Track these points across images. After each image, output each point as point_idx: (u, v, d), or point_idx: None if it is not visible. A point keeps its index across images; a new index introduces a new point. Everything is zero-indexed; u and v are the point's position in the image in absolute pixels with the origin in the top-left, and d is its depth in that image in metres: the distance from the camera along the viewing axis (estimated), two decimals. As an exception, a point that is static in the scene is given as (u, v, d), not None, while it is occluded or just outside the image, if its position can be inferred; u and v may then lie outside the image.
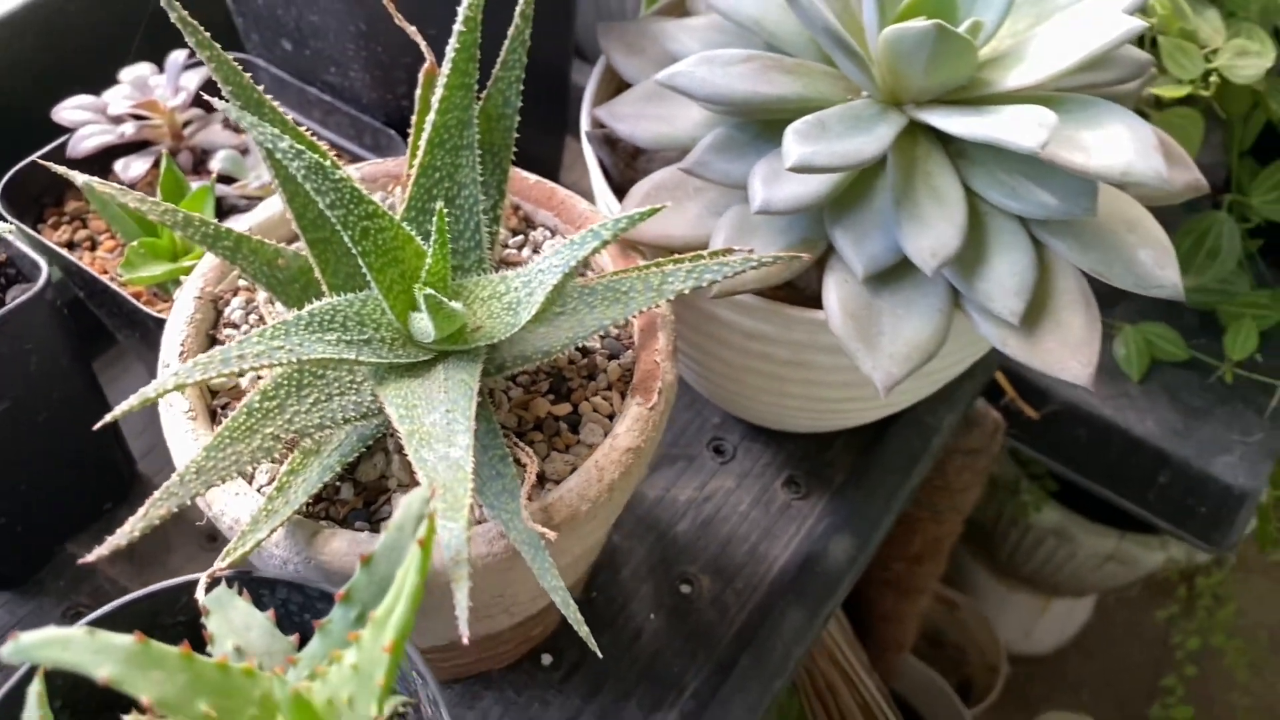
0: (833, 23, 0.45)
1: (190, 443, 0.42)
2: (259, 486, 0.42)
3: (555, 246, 0.39)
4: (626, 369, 0.47)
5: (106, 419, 0.34)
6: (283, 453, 0.41)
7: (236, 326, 0.47)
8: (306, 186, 0.38)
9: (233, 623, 0.34)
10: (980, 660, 1.48)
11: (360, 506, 0.42)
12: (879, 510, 0.61)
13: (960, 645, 1.50)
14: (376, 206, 0.39)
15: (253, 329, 0.42)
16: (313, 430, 0.40)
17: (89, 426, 0.58)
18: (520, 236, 0.51)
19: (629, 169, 0.55)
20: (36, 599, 0.58)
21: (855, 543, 0.59)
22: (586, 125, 0.55)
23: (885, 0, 0.47)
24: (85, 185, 0.40)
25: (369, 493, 0.43)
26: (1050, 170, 0.46)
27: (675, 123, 0.53)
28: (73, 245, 0.58)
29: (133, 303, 0.52)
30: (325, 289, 0.42)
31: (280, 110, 0.42)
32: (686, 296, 0.51)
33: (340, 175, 0.38)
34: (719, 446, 0.65)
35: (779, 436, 0.65)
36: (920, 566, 0.87)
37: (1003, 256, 0.47)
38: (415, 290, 0.39)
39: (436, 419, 0.38)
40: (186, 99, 0.59)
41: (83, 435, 0.58)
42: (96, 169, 0.55)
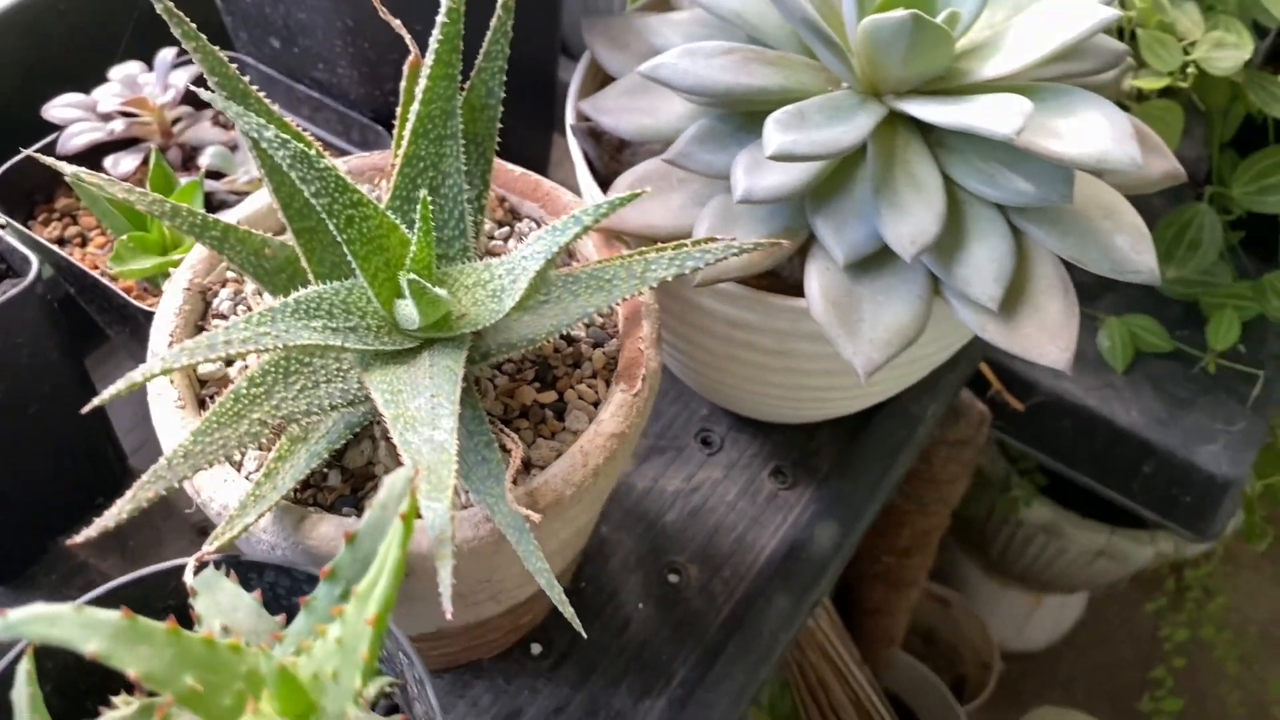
0: (811, 14, 0.46)
1: (179, 430, 0.42)
2: (247, 473, 0.43)
3: (538, 234, 0.40)
4: (611, 357, 0.48)
5: (94, 403, 0.34)
6: (270, 439, 0.41)
7: (225, 317, 0.47)
8: (292, 175, 0.38)
9: (220, 603, 0.34)
10: (973, 658, 1.48)
11: (348, 493, 0.43)
12: (864, 498, 0.62)
13: (953, 643, 1.51)
14: (361, 195, 0.39)
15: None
16: (299, 416, 0.40)
17: (80, 422, 0.59)
18: (506, 228, 0.52)
19: (614, 162, 0.56)
20: (29, 593, 0.58)
21: (840, 530, 0.60)
22: (571, 119, 0.56)
23: (864, -8, 0.47)
24: (73, 177, 0.40)
25: (356, 479, 0.43)
26: (1027, 158, 0.47)
27: (659, 115, 0.53)
28: (63, 241, 0.59)
29: (123, 296, 0.53)
30: (312, 278, 0.43)
31: (275, 110, 0.43)
32: (671, 287, 0.52)
33: (325, 164, 0.39)
34: (706, 438, 0.65)
35: (766, 428, 0.66)
36: (909, 559, 0.87)
37: (981, 243, 0.48)
38: (400, 277, 0.40)
39: (421, 404, 0.38)
40: (176, 96, 0.59)
41: (74, 430, 0.58)
42: (86, 166, 0.56)
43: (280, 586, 0.39)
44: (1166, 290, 0.78)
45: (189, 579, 0.36)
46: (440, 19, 0.41)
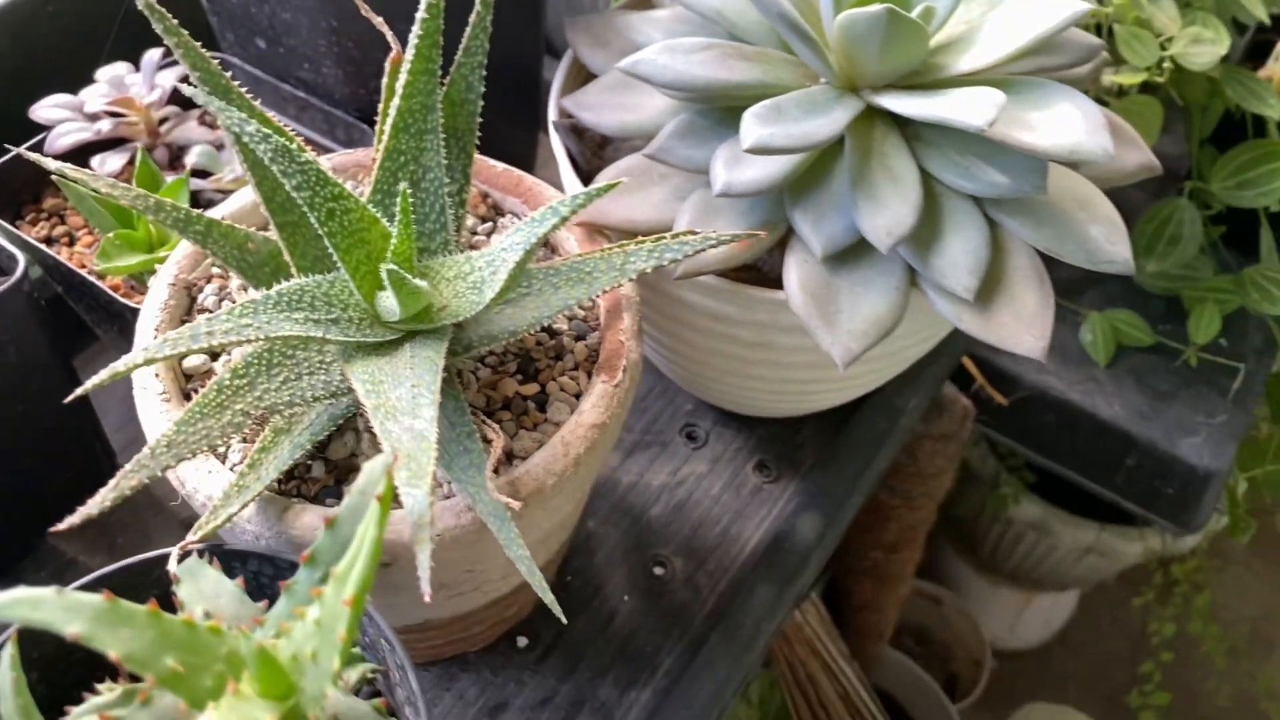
0: (788, 10, 0.47)
1: (163, 422, 0.43)
2: (232, 465, 0.43)
3: (516, 226, 0.41)
4: (593, 349, 0.48)
5: (77, 392, 0.35)
6: (253, 430, 0.42)
7: (210, 312, 0.48)
8: (274, 170, 0.39)
9: (203, 590, 0.35)
10: (966, 656, 1.49)
11: (331, 484, 0.43)
12: (846, 490, 0.62)
13: (945, 642, 1.51)
14: (342, 189, 0.40)
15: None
16: (282, 407, 0.40)
17: (69, 420, 0.60)
18: (489, 223, 0.52)
19: (596, 158, 0.56)
20: (17, 590, 0.58)
21: (823, 522, 0.60)
22: (554, 115, 0.57)
23: (840, -12, 0.48)
24: (58, 172, 0.41)
25: (340, 471, 0.44)
26: (1002, 150, 0.48)
27: (640, 111, 0.54)
28: (51, 241, 0.59)
29: (110, 294, 0.53)
30: (294, 271, 0.43)
31: (257, 106, 0.43)
32: (654, 282, 0.53)
33: (306, 158, 0.39)
34: (691, 433, 0.66)
35: (750, 422, 0.66)
36: (897, 554, 0.88)
37: (957, 235, 0.48)
38: (381, 270, 0.40)
39: (402, 393, 0.39)
40: (162, 96, 0.60)
41: (62, 428, 0.59)
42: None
43: (264, 575, 0.39)
44: (1148, 285, 0.79)
45: (173, 567, 0.36)
46: (420, 15, 0.42)
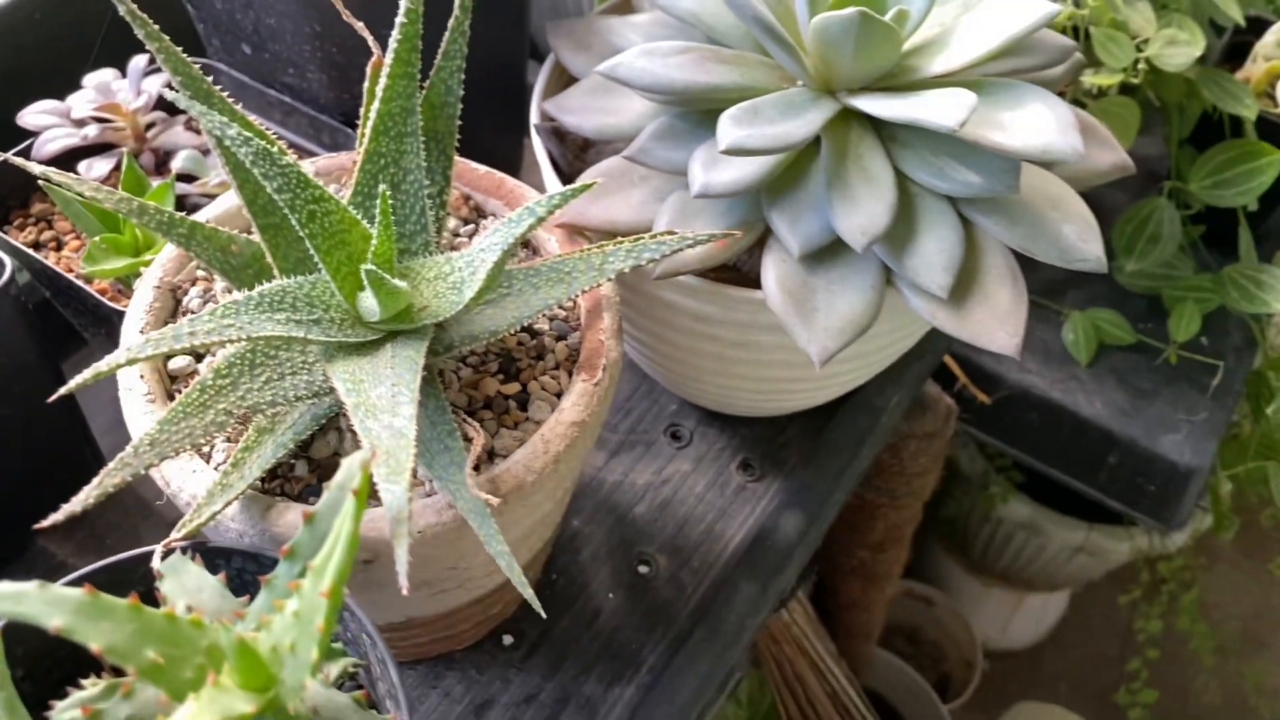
0: (763, 12, 0.48)
1: (148, 423, 0.43)
2: (216, 465, 0.44)
3: (494, 226, 0.41)
4: (574, 349, 0.49)
5: (61, 391, 0.35)
6: (237, 429, 0.42)
7: (194, 314, 0.48)
8: (255, 172, 0.39)
9: (185, 586, 0.35)
10: (958, 656, 1.50)
11: (314, 483, 0.44)
12: (829, 487, 0.63)
13: (937, 642, 1.52)
14: (322, 191, 0.41)
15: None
16: (265, 407, 0.41)
17: (57, 424, 0.60)
18: (471, 225, 0.53)
19: (578, 161, 0.57)
20: (7, 592, 0.59)
21: (805, 519, 0.61)
22: (536, 119, 0.57)
23: (816, -8, 0.49)
24: (43, 176, 0.41)
25: (323, 470, 0.44)
26: (975, 151, 0.48)
27: (620, 114, 0.54)
28: (39, 246, 0.60)
29: (96, 298, 0.54)
30: (277, 273, 0.44)
31: (239, 110, 0.44)
32: (635, 283, 0.54)
33: (287, 161, 0.40)
34: (676, 432, 0.66)
35: (734, 421, 0.67)
36: (883, 553, 0.88)
37: (931, 234, 0.49)
38: (362, 271, 0.41)
39: (382, 392, 0.39)
40: (148, 102, 0.60)
41: (51, 432, 0.59)
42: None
43: (247, 572, 0.40)
44: (1129, 284, 0.80)
45: (156, 564, 0.37)
46: (399, 19, 0.42)
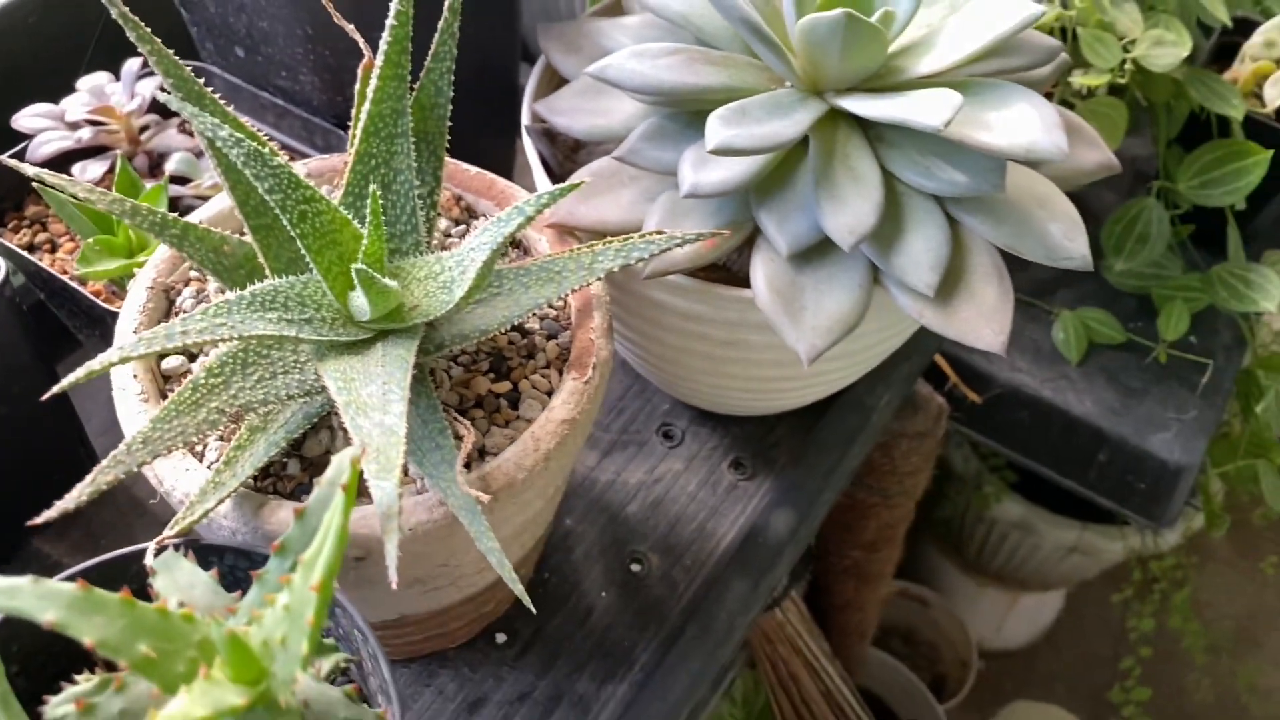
0: (750, 14, 0.48)
1: (141, 421, 0.43)
2: (209, 464, 0.44)
3: (484, 225, 0.42)
4: (564, 348, 0.49)
5: (56, 389, 0.36)
6: (229, 428, 0.43)
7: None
8: (247, 173, 0.40)
9: (178, 582, 0.36)
10: (953, 657, 1.50)
11: (306, 481, 0.44)
12: (819, 485, 0.63)
13: (933, 643, 1.52)
14: (314, 191, 0.41)
15: (200, 312, 0.44)
16: (257, 405, 0.41)
17: (52, 425, 0.60)
18: (462, 226, 0.53)
19: (569, 162, 0.58)
20: (2, 593, 0.59)
21: (796, 517, 0.61)
22: (527, 120, 0.58)
23: (803, -7, 0.49)
24: (36, 177, 0.42)
25: (315, 468, 0.45)
26: (961, 150, 0.49)
27: (610, 115, 0.55)
28: (33, 248, 0.60)
29: (90, 299, 0.54)
30: (269, 273, 0.44)
31: (231, 112, 0.44)
32: (624, 282, 0.54)
33: (278, 162, 0.40)
34: (668, 432, 0.67)
35: (725, 421, 0.67)
36: (877, 553, 0.89)
37: (918, 233, 0.49)
38: (353, 270, 0.41)
39: (373, 390, 0.40)
40: (142, 105, 0.61)
41: (45, 433, 0.60)
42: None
43: (240, 569, 0.40)
44: (1118, 283, 0.80)
45: (149, 560, 0.37)
46: (389, 21, 0.43)
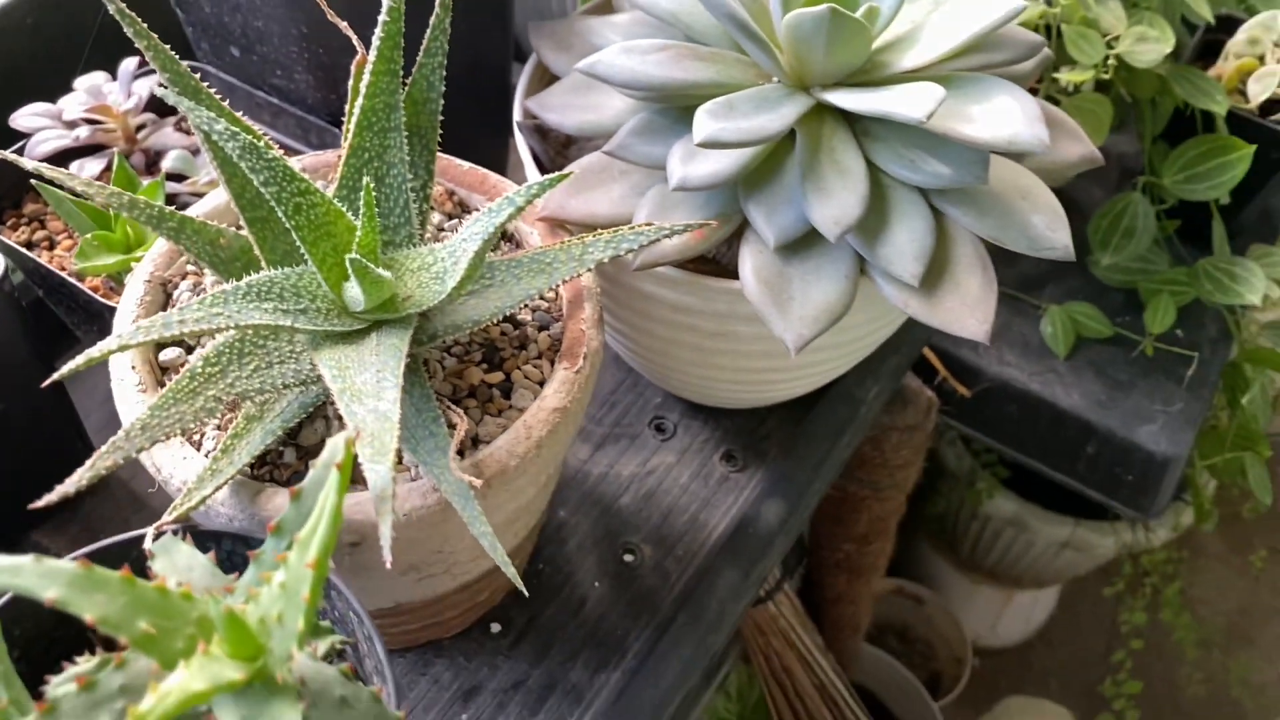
0: (737, 10, 0.49)
1: (139, 410, 0.44)
2: (206, 452, 0.45)
3: (475, 217, 0.42)
4: (556, 339, 0.50)
5: (54, 377, 0.36)
6: (226, 416, 0.44)
7: (185, 308, 0.49)
8: (242, 166, 0.41)
9: (176, 564, 0.37)
10: (948, 654, 1.51)
11: (302, 469, 0.45)
12: (809, 476, 0.64)
13: (928, 640, 1.53)
14: (308, 184, 0.42)
15: (197, 304, 0.45)
16: (253, 394, 0.42)
17: (50, 421, 0.61)
18: (455, 220, 0.54)
19: (560, 157, 0.58)
20: (2, 586, 0.60)
21: (786, 507, 0.62)
22: (519, 116, 0.59)
23: (790, -10, 0.50)
24: (35, 171, 0.43)
25: (311, 457, 0.46)
26: (945, 143, 0.50)
27: (601, 111, 0.56)
28: (31, 245, 0.61)
29: (89, 294, 0.55)
30: (265, 265, 0.45)
31: (226, 107, 0.45)
32: (615, 275, 0.55)
33: (273, 155, 0.41)
34: (660, 425, 0.68)
35: (717, 414, 0.68)
36: (868, 546, 0.90)
37: (903, 224, 0.50)
38: (346, 260, 0.42)
39: (367, 378, 0.41)
40: (139, 103, 0.62)
41: (44, 429, 0.60)
42: (52, 171, 0.58)
43: (237, 554, 0.41)
44: (1105, 278, 0.81)
45: (149, 544, 0.38)
46: (382, 18, 0.44)
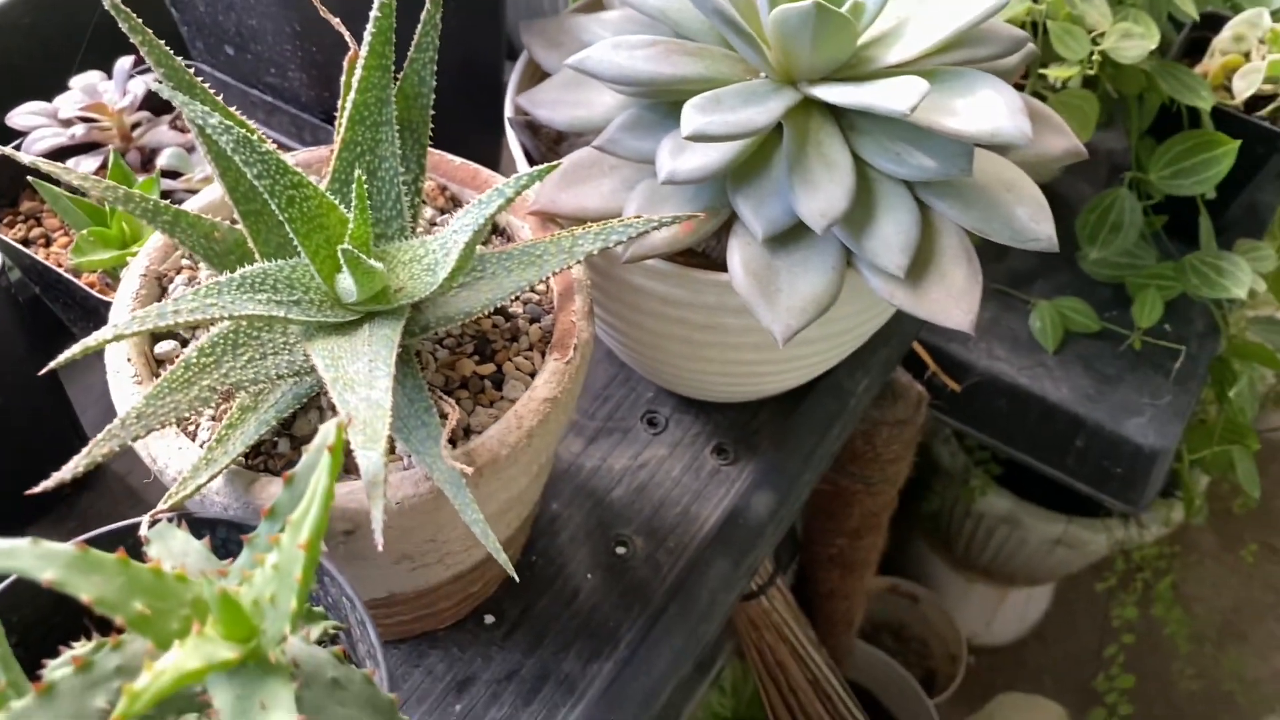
0: (725, 6, 0.50)
1: (134, 401, 0.45)
2: (201, 443, 0.45)
3: (465, 209, 0.43)
4: (546, 331, 0.51)
5: (50, 365, 0.37)
6: (221, 406, 0.44)
7: (180, 301, 0.50)
8: (236, 159, 0.41)
9: (171, 549, 0.37)
10: (943, 652, 1.51)
11: (296, 459, 0.46)
12: (798, 468, 0.65)
13: (923, 638, 1.54)
14: (301, 177, 0.42)
15: (192, 296, 0.45)
16: (247, 384, 0.43)
17: (47, 417, 0.62)
18: (447, 215, 0.55)
19: (551, 153, 0.59)
20: (0, 580, 0.60)
21: (776, 499, 0.63)
22: (510, 113, 0.59)
23: (777, -15, 0.51)
24: (32, 166, 0.43)
25: (304, 446, 0.46)
26: (930, 136, 0.51)
27: (591, 107, 0.56)
28: (27, 242, 0.61)
29: (85, 290, 0.56)
30: (259, 258, 0.45)
31: (220, 102, 0.46)
32: (605, 268, 0.55)
33: (266, 149, 0.42)
34: (652, 419, 0.68)
35: (708, 408, 0.69)
36: (861, 540, 0.90)
37: (889, 217, 0.51)
38: (339, 251, 0.43)
39: (360, 367, 0.41)
40: (134, 102, 0.62)
41: (40, 425, 0.61)
42: (48, 169, 0.59)
43: (232, 542, 0.42)
44: (1093, 273, 0.82)
45: (144, 531, 0.38)
46: (373, 13, 0.44)
